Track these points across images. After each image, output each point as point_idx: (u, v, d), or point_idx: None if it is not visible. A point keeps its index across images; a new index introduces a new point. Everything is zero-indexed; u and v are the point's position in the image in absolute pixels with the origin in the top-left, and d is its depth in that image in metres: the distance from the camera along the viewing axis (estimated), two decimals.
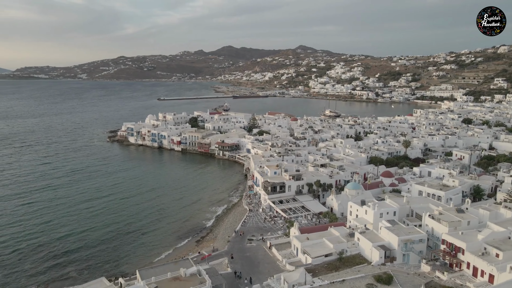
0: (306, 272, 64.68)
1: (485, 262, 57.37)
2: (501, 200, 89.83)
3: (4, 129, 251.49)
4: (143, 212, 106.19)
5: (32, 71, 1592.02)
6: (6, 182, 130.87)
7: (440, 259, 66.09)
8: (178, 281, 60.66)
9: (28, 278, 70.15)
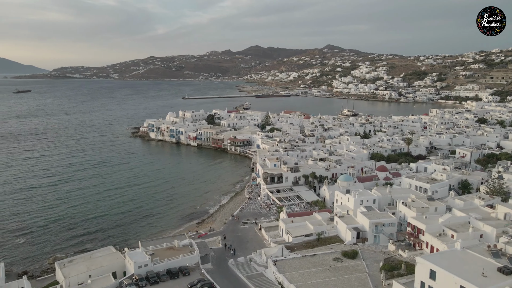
0: (285, 248, 74.03)
1: (439, 241, 64.62)
2: (483, 192, 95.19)
3: (39, 125, 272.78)
4: (155, 199, 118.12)
5: (68, 71, 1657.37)
6: (39, 172, 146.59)
7: (406, 240, 73.62)
8: (172, 250, 71.57)
9: (52, 246, 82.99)
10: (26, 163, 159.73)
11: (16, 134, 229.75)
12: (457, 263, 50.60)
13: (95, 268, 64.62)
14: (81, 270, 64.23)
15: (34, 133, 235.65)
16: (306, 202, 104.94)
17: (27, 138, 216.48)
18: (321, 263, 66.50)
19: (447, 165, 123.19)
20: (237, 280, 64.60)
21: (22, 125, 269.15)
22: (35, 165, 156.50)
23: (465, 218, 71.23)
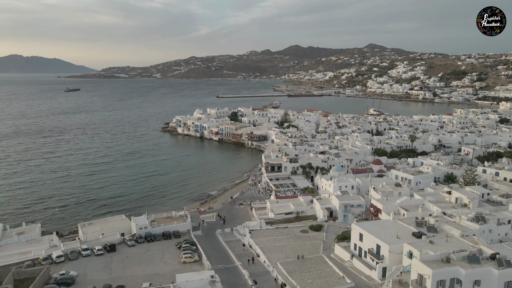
0: (264, 222, 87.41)
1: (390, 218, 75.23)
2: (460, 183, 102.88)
3: (83, 120, 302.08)
4: (171, 183, 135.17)
5: (115, 71, 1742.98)
6: (79, 159, 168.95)
7: (368, 219, 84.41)
8: (169, 218, 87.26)
9: (79, 215, 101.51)
10: (68, 152, 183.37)
11: (62, 128, 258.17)
12: (382, 228, 61.85)
13: (107, 229, 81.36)
14: (97, 229, 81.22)
15: (78, 127, 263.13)
16: (299, 189, 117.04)
17: (71, 132, 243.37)
18: (288, 233, 79.25)
19: (441, 160, 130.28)
20: (218, 243, 78.79)
21: (68, 120, 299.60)
22: (76, 154, 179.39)
23: (420, 201, 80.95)
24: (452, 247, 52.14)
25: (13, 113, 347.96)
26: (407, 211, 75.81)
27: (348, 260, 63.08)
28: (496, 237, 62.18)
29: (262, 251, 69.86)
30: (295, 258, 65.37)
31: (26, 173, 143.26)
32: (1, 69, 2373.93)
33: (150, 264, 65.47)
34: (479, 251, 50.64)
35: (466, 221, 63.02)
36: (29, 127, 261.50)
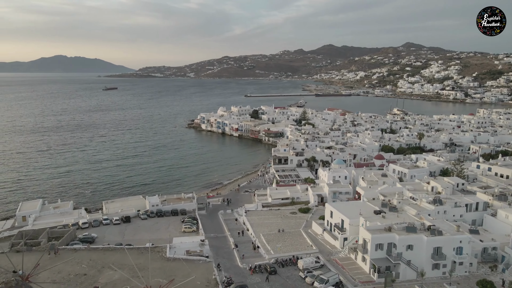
0: (261, 205, 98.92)
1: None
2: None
3: (117, 117, 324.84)
4: (188, 172, 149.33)
5: (151, 70, 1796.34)
6: (110, 150, 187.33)
7: None
8: (179, 199, 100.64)
9: (104, 196, 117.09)
10: (102, 144, 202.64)
11: (98, 124, 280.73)
12: (350, 207, 71.83)
13: (126, 206, 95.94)
14: (117, 206, 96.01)
15: (112, 123, 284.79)
16: (302, 179, 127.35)
17: (106, 127, 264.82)
18: (278, 214, 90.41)
19: (442, 157, 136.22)
20: (217, 220, 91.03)
21: (104, 117, 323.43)
22: (108, 147, 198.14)
23: (399, 189, 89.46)
24: (400, 221, 61.52)
25: (56, 110, 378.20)
26: (385, 197, 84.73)
27: (320, 234, 73.49)
28: (451, 217, 70.31)
29: (251, 226, 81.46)
30: (276, 232, 76.48)
31: (64, 162, 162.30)
32: (47, 68, 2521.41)
33: (156, 232, 78.77)
34: (422, 224, 59.83)
35: (425, 203, 71.69)
36: (69, 122, 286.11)
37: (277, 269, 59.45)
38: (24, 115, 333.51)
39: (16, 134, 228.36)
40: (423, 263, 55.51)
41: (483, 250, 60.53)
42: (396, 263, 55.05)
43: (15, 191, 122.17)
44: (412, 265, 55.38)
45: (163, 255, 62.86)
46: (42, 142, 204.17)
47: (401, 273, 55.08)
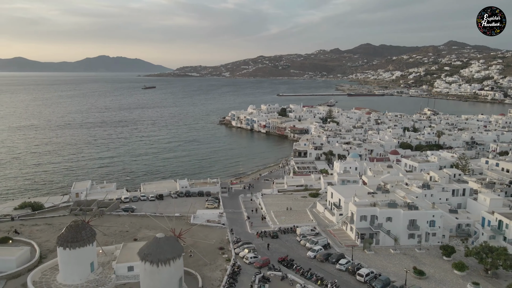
0: (277, 191, 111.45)
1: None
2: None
3: (155, 114, 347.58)
4: (218, 162, 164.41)
5: (188, 70, 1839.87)
6: (148, 144, 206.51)
7: None
8: (205, 183, 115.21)
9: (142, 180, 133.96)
10: (141, 137, 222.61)
11: (137, 120, 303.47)
12: (348, 190, 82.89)
13: (160, 187, 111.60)
14: (153, 187, 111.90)
15: (150, 119, 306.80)
16: (318, 170, 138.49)
17: (144, 123, 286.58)
18: (291, 197, 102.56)
19: (456, 153, 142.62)
20: (236, 201, 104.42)
21: (143, 113, 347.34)
22: (146, 139, 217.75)
23: (401, 178, 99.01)
24: (386, 199, 72.16)
25: (100, 107, 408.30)
26: (387, 184, 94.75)
27: (322, 212, 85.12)
28: (438, 200, 79.63)
29: (264, 205, 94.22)
30: (284, 209, 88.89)
31: (108, 152, 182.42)
32: (92, 68, 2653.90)
33: (183, 207, 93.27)
34: (405, 202, 70.25)
35: (415, 188, 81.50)
36: (112, 118, 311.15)
37: (279, 235, 71.99)
38: (72, 111, 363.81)
39: (66, 128, 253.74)
40: (400, 232, 66.06)
41: (458, 225, 69.98)
42: (376, 231, 65.93)
43: (69, 174, 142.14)
44: (391, 234, 66.04)
45: (187, 222, 77.12)
46: (89, 135, 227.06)
47: (381, 240, 65.90)
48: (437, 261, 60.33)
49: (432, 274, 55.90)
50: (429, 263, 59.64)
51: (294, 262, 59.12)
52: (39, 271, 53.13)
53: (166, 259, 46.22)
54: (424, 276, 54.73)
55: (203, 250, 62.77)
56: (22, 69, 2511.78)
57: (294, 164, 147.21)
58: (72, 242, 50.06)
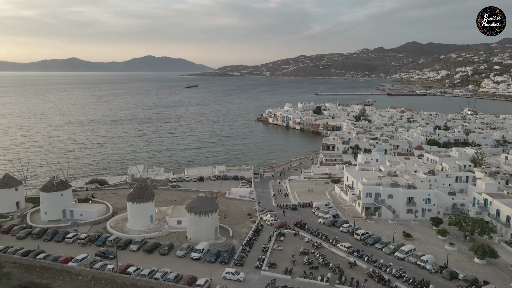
0: (304, 177, 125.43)
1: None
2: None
3: (197, 111, 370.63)
4: (253, 155, 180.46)
5: (229, 69, 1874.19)
6: (192, 137, 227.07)
7: None
8: (240, 169, 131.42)
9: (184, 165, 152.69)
10: (184, 132, 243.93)
11: (180, 116, 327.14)
12: (361, 174, 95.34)
13: (201, 172, 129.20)
14: (195, 171, 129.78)
15: (193, 116, 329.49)
16: (343, 162, 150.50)
17: (187, 119, 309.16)
18: (314, 182, 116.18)
19: (480, 149, 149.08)
20: (266, 184, 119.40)
21: (186, 111, 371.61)
22: (189, 134, 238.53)
23: (414, 167, 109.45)
24: (391, 181, 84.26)
25: (147, 104, 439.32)
26: (400, 172, 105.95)
27: (338, 193, 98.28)
28: (441, 185, 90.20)
29: (290, 187, 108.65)
30: (306, 191, 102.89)
31: (156, 143, 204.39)
32: (138, 68, 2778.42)
33: (220, 187, 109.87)
34: (408, 184, 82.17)
35: (421, 174, 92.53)
36: (158, 115, 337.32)
37: (298, 208, 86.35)
38: (122, 108, 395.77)
39: (118, 124, 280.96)
40: (399, 208, 78.09)
41: (453, 205, 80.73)
42: (379, 206, 78.40)
43: (123, 160, 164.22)
44: (391, 208, 78.28)
45: (223, 196, 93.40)
46: (138, 129, 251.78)
47: (383, 213, 78.29)
48: (427, 229, 71.98)
49: (418, 238, 67.89)
50: (419, 230, 71.51)
51: (306, 225, 73.28)
52: (113, 220, 71.66)
53: (205, 211, 62.45)
54: (411, 238, 66.92)
55: (235, 215, 78.56)
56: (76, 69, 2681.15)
57: (323, 156, 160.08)
58: (138, 198, 67.69)
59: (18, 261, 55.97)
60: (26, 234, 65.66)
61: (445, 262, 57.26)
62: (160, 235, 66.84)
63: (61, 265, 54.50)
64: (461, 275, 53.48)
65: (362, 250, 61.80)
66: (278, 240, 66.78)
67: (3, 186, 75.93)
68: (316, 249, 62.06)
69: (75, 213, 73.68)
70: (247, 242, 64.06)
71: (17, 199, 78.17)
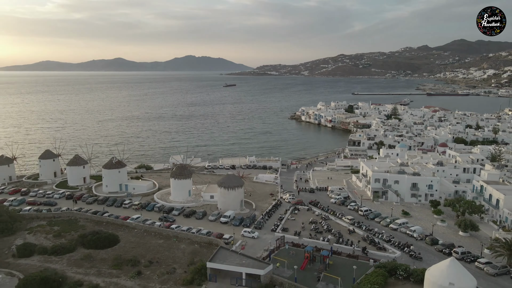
0: (327, 169, 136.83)
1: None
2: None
3: (233, 109, 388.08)
4: (283, 149, 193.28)
5: (267, 68, 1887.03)
6: (228, 133, 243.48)
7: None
8: (268, 160, 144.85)
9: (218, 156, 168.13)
10: (220, 128, 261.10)
11: (218, 113, 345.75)
12: (375, 163, 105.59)
13: (233, 161, 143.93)
14: (228, 161, 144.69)
15: (229, 113, 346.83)
16: (367, 156, 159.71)
17: (224, 116, 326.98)
18: (335, 173, 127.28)
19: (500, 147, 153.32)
20: (292, 174, 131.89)
21: (223, 108, 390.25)
22: (225, 129, 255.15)
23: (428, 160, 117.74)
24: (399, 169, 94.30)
25: (186, 102, 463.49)
26: (411, 163, 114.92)
27: (354, 181, 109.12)
28: (449, 175, 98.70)
29: (312, 176, 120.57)
30: (326, 178, 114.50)
31: (194, 138, 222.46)
32: (179, 67, 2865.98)
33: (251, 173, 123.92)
34: (414, 172, 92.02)
35: (430, 165, 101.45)
36: (196, 112, 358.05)
37: (315, 191, 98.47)
38: (164, 106, 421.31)
39: (159, 120, 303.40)
40: (404, 192, 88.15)
41: (455, 192, 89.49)
42: (386, 190, 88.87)
43: (166, 151, 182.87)
44: (397, 192, 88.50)
45: (251, 180, 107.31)
46: (178, 125, 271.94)
47: (389, 197, 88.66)
48: (425, 210, 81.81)
49: (415, 215, 78.08)
50: (418, 210, 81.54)
51: (319, 203, 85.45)
52: (159, 193, 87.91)
53: (233, 186, 76.58)
54: (408, 215, 77.28)
55: (259, 194, 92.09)
56: (121, 68, 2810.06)
57: (348, 151, 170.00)
58: (179, 175, 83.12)
59: (89, 218, 73.14)
60: (93, 200, 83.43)
61: (430, 232, 67.49)
62: (196, 206, 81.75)
63: (121, 221, 70.90)
64: (441, 241, 63.64)
65: (362, 222, 73.23)
66: (293, 213, 79.51)
67: (74, 164, 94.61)
68: (323, 220, 74.24)
69: (129, 187, 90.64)
70: (266, 213, 77.42)
71: (84, 175, 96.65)
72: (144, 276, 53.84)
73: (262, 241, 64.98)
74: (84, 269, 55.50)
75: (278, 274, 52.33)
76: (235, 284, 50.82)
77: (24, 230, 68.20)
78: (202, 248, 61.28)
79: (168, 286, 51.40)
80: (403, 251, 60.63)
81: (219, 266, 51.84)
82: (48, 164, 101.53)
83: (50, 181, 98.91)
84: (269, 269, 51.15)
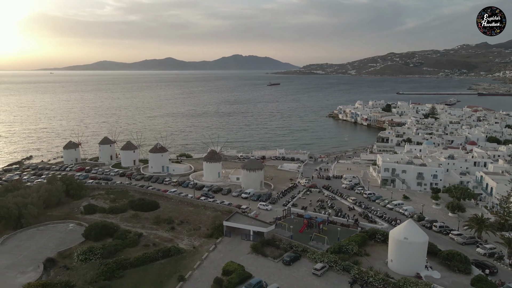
0: (352, 162, 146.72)
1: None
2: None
3: (274, 108, 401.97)
4: (316, 145, 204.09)
5: (314, 67, 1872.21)
6: (266, 130, 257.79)
7: None
8: (297, 152, 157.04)
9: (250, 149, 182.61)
10: (260, 124, 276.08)
11: (259, 111, 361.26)
12: (390, 156, 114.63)
13: (264, 152, 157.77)
14: (259, 152, 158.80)
15: (270, 111, 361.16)
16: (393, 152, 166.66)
17: (264, 114, 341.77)
18: (358, 165, 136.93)
19: None
20: (317, 165, 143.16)
21: (264, 106, 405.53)
22: (265, 126, 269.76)
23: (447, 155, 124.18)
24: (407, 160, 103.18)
25: (230, 100, 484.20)
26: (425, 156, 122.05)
27: (371, 172, 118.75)
28: (459, 168, 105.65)
29: (334, 167, 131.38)
30: (345, 169, 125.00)
31: (233, 132, 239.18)
32: (226, 66, 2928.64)
33: (278, 164, 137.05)
34: (422, 163, 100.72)
35: (442, 158, 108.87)
36: (239, 109, 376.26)
37: (330, 178, 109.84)
38: (208, 103, 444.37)
39: (203, 117, 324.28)
40: (411, 181, 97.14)
41: (460, 182, 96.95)
42: (394, 178, 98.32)
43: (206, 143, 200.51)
44: (404, 181, 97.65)
45: (276, 168, 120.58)
46: (220, 122, 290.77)
47: (397, 184, 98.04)
48: (426, 196, 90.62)
49: (414, 200, 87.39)
50: (418, 196, 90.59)
51: (331, 187, 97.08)
52: (194, 174, 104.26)
53: (254, 168, 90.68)
54: (408, 199, 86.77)
55: (280, 179, 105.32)
56: (171, 68, 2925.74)
57: (376, 147, 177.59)
58: (210, 159, 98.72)
59: (137, 190, 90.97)
60: (140, 177, 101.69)
61: (421, 212, 77.08)
62: (223, 185, 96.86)
63: (161, 193, 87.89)
64: (427, 218, 73.26)
65: (363, 202, 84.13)
66: (306, 193, 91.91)
67: (126, 148, 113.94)
68: (330, 200, 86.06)
69: (169, 169, 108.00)
70: (281, 192, 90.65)
71: (134, 158, 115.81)
72: (176, 230, 69.49)
73: (274, 213, 78.29)
74: (132, 224, 72.35)
75: (279, 234, 65.54)
76: (245, 239, 64.69)
77: (88, 196, 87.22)
78: (223, 214, 75.77)
79: (193, 237, 66.52)
80: (390, 224, 71.16)
81: (233, 225, 66.04)
82: (105, 149, 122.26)
83: (107, 163, 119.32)
84: (271, 228, 64.57)
